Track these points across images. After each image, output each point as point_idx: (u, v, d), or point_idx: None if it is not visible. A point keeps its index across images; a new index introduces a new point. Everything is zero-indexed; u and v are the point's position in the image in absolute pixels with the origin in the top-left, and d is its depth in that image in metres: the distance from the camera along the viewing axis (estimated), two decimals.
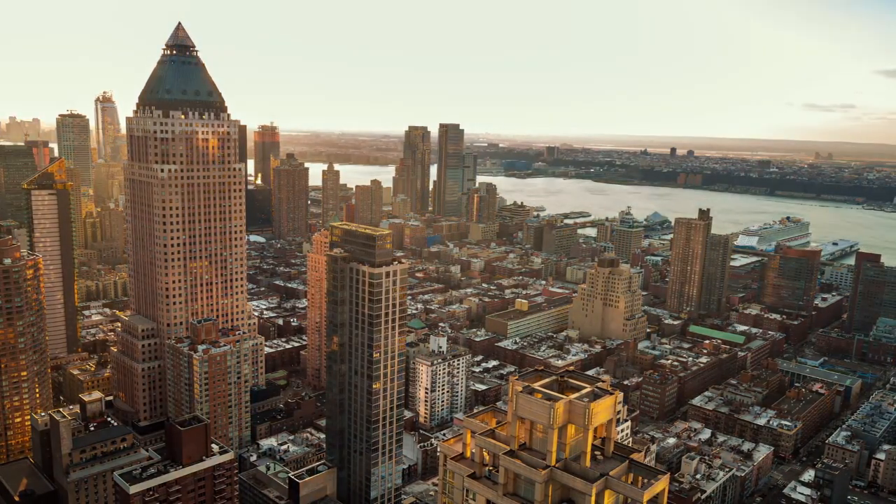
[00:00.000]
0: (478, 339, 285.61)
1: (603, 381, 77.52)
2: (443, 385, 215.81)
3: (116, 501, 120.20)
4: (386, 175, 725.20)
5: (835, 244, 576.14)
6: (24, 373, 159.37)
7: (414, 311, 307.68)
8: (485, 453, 76.38)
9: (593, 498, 67.85)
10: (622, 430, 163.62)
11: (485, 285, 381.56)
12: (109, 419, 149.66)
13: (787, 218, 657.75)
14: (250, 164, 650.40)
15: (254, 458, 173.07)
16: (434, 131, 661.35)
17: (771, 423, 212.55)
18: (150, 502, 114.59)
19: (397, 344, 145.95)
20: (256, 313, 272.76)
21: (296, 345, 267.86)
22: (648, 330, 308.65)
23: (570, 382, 77.89)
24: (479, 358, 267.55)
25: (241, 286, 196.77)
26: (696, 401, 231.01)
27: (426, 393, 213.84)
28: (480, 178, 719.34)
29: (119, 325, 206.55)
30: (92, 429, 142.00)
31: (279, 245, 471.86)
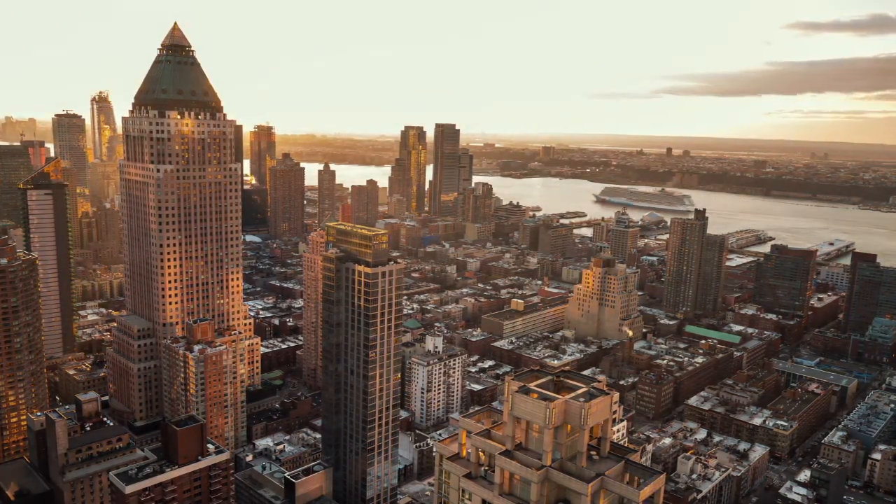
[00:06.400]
0: (474, 339, 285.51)
1: (599, 381, 77.68)
2: (439, 385, 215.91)
3: (112, 501, 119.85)
4: (382, 175, 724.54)
5: (831, 244, 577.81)
6: (20, 372, 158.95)
7: (410, 311, 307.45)
8: (481, 453, 76.44)
9: (589, 498, 67.97)
10: (618, 431, 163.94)
11: (481, 285, 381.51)
12: (105, 419, 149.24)
13: None
14: (246, 164, 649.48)
15: (250, 457, 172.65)
16: (430, 132, 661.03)
17: (767, 423, 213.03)
18: (146, 502, 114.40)
19: (393, 344, 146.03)
20: (252, 313, 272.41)
21: (292, 345, 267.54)
22: (644, 330, 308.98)
23: (566, 382, 78.08)
24: (475, 358, 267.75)
25: (237, 286, 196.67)
26: (692, 401, 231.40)
27: (422, 393, 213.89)
28: (476, 178, 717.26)
29: (115, 324, 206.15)
30: (88, 429, 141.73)
31: (275, 245, 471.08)
